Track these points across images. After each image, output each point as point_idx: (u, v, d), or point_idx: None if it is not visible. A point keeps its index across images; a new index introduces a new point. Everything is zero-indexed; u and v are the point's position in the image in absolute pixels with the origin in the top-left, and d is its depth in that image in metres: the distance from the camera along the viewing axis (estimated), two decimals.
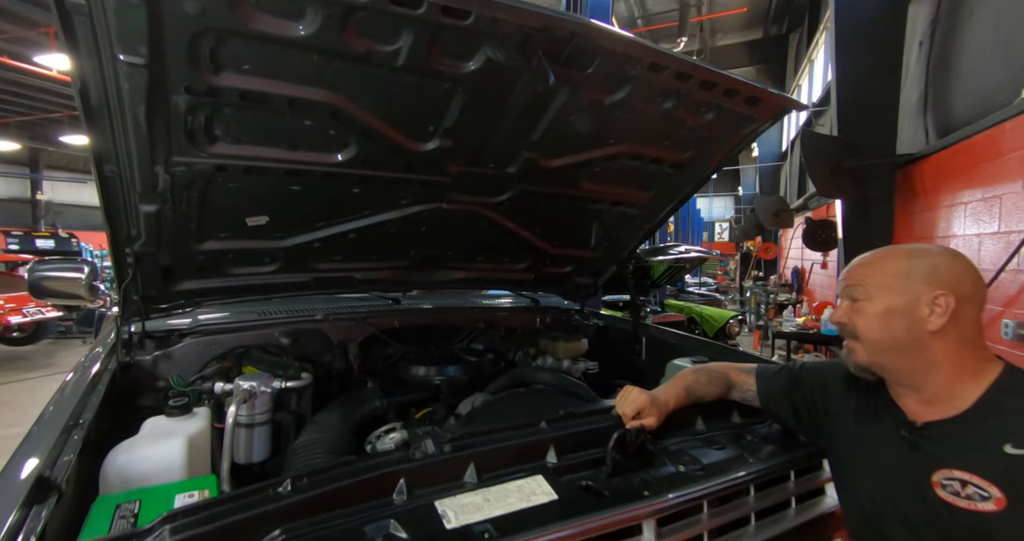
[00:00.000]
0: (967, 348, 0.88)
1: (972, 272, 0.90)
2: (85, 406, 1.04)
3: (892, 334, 0.91)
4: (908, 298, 0.89)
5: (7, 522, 0.66)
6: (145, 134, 0.99)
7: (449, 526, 0.82)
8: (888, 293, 0.91)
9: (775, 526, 1.13)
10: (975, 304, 0.89)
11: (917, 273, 0.90)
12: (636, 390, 1.15)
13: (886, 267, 0.94)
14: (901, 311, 0.89)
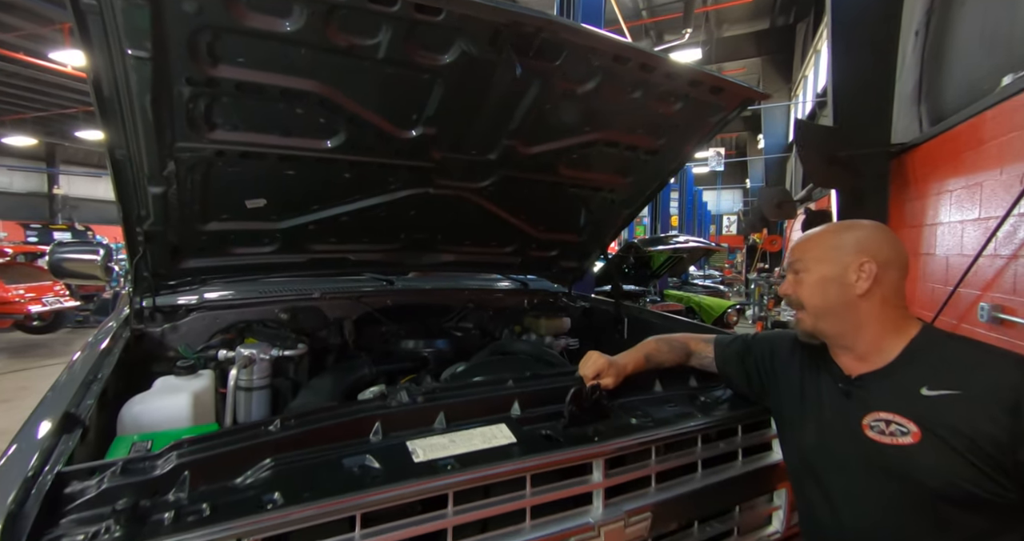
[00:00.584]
0: (890, 308, 0.99)
1: (891, 241, 1.01)
2: (102, 366, 1.17)
3: (827, 300, 1.02)
4: (839, 267, 1.00)
5: (43, 445, 0.79)
6: (151, 121, 1.11)
7: (417, 460, 0.94)
8: (822, 264, 1.03)
9: (721, 474, 1.24)
10: (895, 268, 0.99)
11: (845, 245, 1.01)
12: (596, 354, 1.27)
13: (820, 242, 1.06)
14: (833, 279, 1.01)
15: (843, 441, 1.00)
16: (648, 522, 1.09)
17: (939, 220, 3.47)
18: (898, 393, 0.95)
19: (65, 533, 0.68)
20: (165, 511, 0.73)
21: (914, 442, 0.90)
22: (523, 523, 0.99)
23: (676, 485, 1.18)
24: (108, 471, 0.77)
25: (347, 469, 0.89)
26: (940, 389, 0.90)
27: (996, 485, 0.84)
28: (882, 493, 0.94)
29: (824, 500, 1.04)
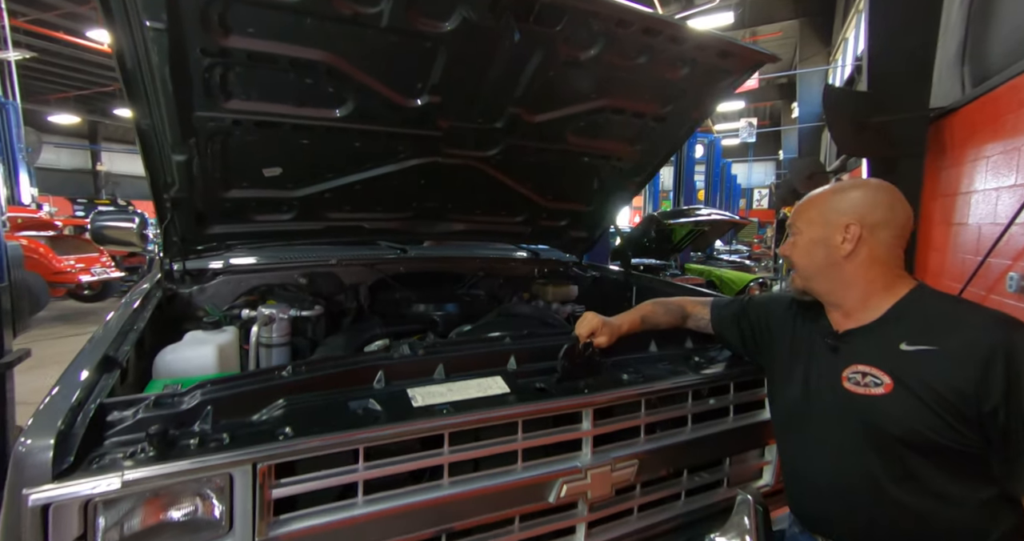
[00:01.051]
0: (878, 267, 1.01)
1: (886, 202, 1.01)
2: (136, 320, 1.29)
3: (815, 261, 1.06)
4: (826, 230, 1.03)
5: (87, 382, 0.90)
6: (171, 91, 1.19)
7: (416, 405, 1.02)
8: (813, 227, 1.07)
9: (712, 428, 1.30)
10: (885, 229, 1.00)
11: (836, 207, 1.04)
12: (592, 314, 1.32)
13: (814, 205, 1.08)
14: (821, 241, 1.04)
15: (825, 393, 1.04)
16: (634, 468, 1.16)
17: (973, 188, 3.33)
18: (879, 348, 0.98)
19: (108, 451, 0.79)
20: (191, 438, 0.84)
21: (885, 393, 0.94)
22: (515, 464, 1.07)
23: (665, 437, 1.25)
24: (142, 404, 0.87)
25: (352, 410, 0.98)
26: (918, 344, 0.93)
27: (957, 435, 0.87)
28: (852, 440, 0.99)
29: (802, 449, 1.09)
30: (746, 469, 1.44)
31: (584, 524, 1.15)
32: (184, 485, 0.81)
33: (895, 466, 0.94)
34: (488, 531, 1.07)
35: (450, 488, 1.01)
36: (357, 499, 0.93)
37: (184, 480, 0.80)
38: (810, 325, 1.14)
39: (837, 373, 1.02)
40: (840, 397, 1.00)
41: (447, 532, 1.01)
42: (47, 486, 0.69)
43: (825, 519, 1.07)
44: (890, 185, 1.04)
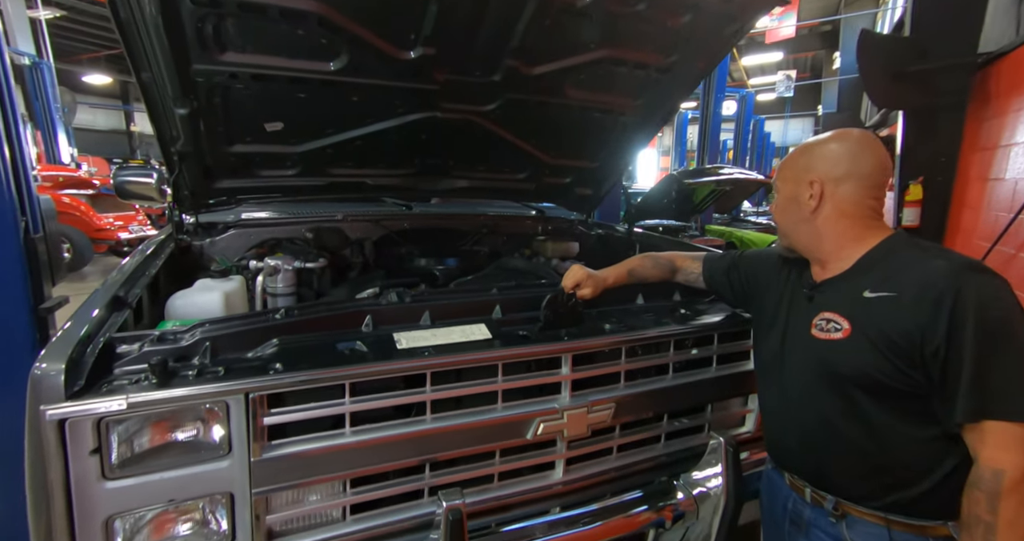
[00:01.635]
0: (845, 220, 1.01)
1: (847, 155, 1.00)
2: (149, 266, 1.39)
3: (789, 218, 1.09)
4: (796, 187, 1.06)
5: (97, 319, 1.00)
6: (166, 43, 1.22)
7: (400, 347, 1.09)
8: (787, 184, 1.09)
9: (693, 376, 1.34)
10: (849, 183, 0.99)
11: (803, 164, 1.06)
12: (578, 267, 1.35)
13: (790, 163, 1.10)
14: (793, 198, 1.07)
15: (797, 340, 1.07)
16: (610, 411, 1.22)
17: (1015, 140, 3.14)
18: (845, 296, 1.00)
19: (116, 379, 0.88)
20: (190, 370, 0.92)
21: (843, 337, 0.97)
22: (495, 404, 1.14)
23: (645, 383, 1.30)
24: (147, 339, 0.96)
25: (339, 350, 1.05)
26: (879, 292, 0.95)
27: (904, 377, 0.90)
28: (813, 383, 1.03)
29: (775, 394, 1.13)
30: (729, 416, 1.49)
31: (562, 460, 1.23)
32: (185, 410, 0.90)
33: (847, 407, 0.98)
34: (471, 463, 1.15)
35: (432, 423, 1.08)
36: (345, 429, 1.02)
37: (183, 406, 0.89)
38: (795, 277, 1.16)
39: (808, 321, 1.05)
40: (807, 343, 1.04)
41: (430, 462, 1.10)
42: (61, 404, 0.79)
43: (789, 456, 1.12)
44: (862, 136, 1.02)
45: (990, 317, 0.85)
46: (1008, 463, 0.82)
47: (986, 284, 0.87)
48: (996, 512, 0.82)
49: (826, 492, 1.04)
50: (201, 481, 0.92)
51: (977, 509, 0.84)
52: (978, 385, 0.84)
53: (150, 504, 0.90)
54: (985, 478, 0.84)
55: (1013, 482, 0.81)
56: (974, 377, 0.84)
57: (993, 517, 0.82)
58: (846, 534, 1.01)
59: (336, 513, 1.06)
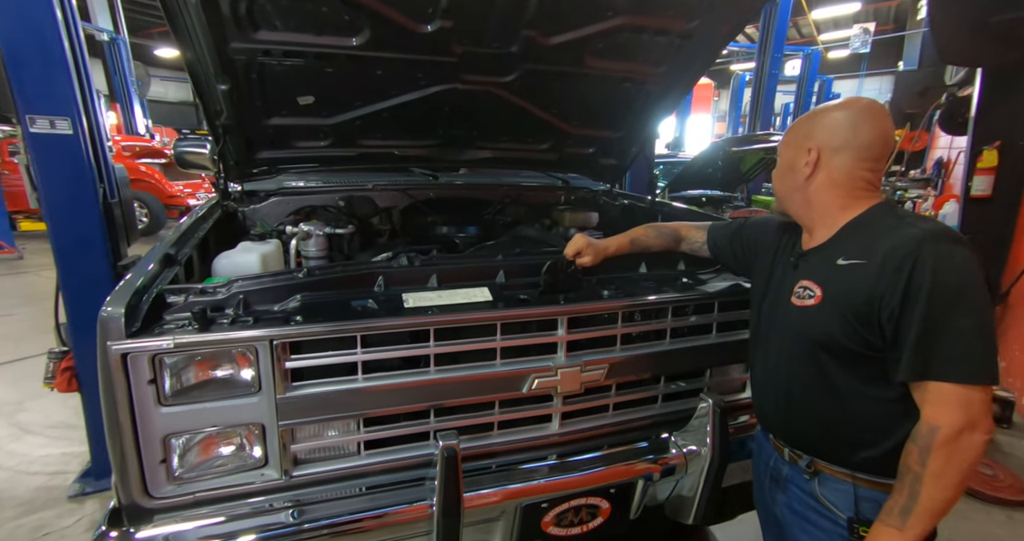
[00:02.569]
0: (836, 190, 1.02)
1: (847, 124, 1.00)
2: (198, 229, 1.57)
3: (785, 185, 1.11)
4: (796, 154, 1.07)
5: (152, 273, 1.17)
6: (205, 24, 1.34)
7: (407, 306, 1.20)
8: (788, 151, 1.10)
9: (690, 342, 1.40)
10: (845, 152, 1.00)
11: (805, 131, 1.06)
12: (580, 235, 1.41)
13: (794, 129, 1.10)
14: (790, 166, 1.08)
15: (780, 307, 1.11)
16: (603, 371, 1.31)
17: None
18: (822, 264, 1.03)
19: (166, 323, 1.04)
20: (225, 319, 1.08)
21: (815, 304, 1.01)
22: (494, 360, 1.25)
23: (641, 347, 1.37)
24: (191, 291, 1.12)
25: (353, 307, 1.19)
26: (851, 259, 0.97)
27: (864, 341, 0.94)
28: (788, 348, 1.07)
29: (759, 358, 1.18)
30: (729, 381, 1.53)
31: (558, 414, 1.33)
32: (221, 353, 1.06)
33: (818, 371, 1.02)
34: (474, 411, 1.28)
35: (436, 374, 1.21)
36: (358, 376, 1.16)
37: (219, 349, 1.05)
38: (790, 246, 1.18)
39: (791, 289, 1.08)
40: (787, 310, 1.08)
41: (435, 408, 1.23)
42: (123, 341, 0.96)
43: (769, 418, 1.18)
44: (867, 106, 1.01)
45: (944, 282, 0.87)
46: (944, 420, 0.86)
47: (946, 253, 0.88)
48: (925, 465, 0.87)
49: (801, 451, 1.10)
50: (237, 412, 1.08)
51: (910, 460, 0.89)
52: (923, 347, 0.87)
53: (197, 428, 1.08)
54: (922, 433, 0.88)
55: (944, 438, 0.86)
56: (920, 339, 0.87)
57: (922, 469, 0.87)
58: (818, 490, 1.07)
59: (352, 447, 1.21)
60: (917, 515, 0.87)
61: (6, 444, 2.82)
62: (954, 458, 0.86)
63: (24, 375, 3.57)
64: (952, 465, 0.86)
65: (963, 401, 0.86)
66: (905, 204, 6.73)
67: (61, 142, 2.22)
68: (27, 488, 2.46)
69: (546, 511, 1.24)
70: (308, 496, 1.15)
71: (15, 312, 4.98)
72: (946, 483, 0.87)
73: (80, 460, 2.66)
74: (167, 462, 1.06)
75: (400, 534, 1.15)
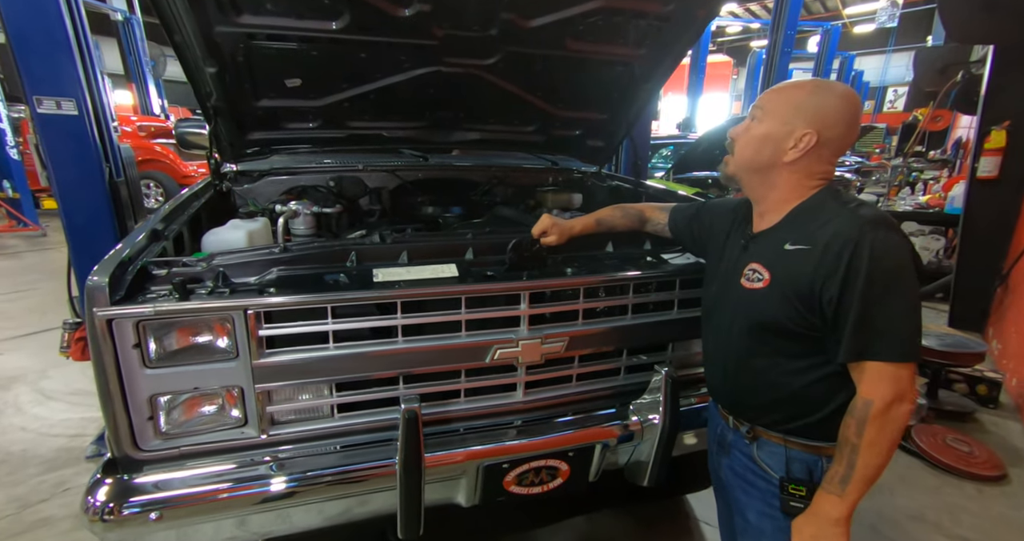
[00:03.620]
0: (805, 177, 1.05)
1: (847, 118, 1.01)
2: (188, 206, 1.66)
3: (758, 157, 1.06)
4: (784, 128, 1.02)
5: (136, 247, 1.26)
6: (189, 8, 1.41)
7: (376, 280, 1.28)
8: (774, 120, 1.03)
9: (650, 318, 1.46)
10: (832, 145, 1.02)
11: (804, 109, 1.00)
12: (546, 215, 1.47)
13: (788, 97, 1.03)
14: (774, 139, 1.03)
15: (729, 287, 1.16)
16: (564, 344, 1.38)
17: None
18: (771, 248, 1.07)
19: (149, 292, 1.14)
20: (204, 290, 1.17)
21: (763, 286, 1.05)
22: (459, 332, 1.33)
23: (601, 322, 1.43)
24: (174, 264, 1.21)
25: (326, 281, 1.27)
26: (797, 244, 1.01)
27: (805, 322, 0.99)
28: (737, 326, 1.13)
29: (709, 335, 1.25)
30: (691, 356, 1.60)
31: (522, 384, 1.41)
32: (200, 321, 1.15)
33: (761, 348, 1.08)
34: (440, 379, 1.36)
35: (403, 344, 1.29)
36: (329, 345, 1.25)
37: (197, 317, 1.14)
38: (741, 226, 1.21)
39: (740, 270, 1.12)
40: (737, 291, 1.12)
41: (404, 375, 1.32)
42: (107, 307, 1.05)
43: (717, 389, 1.26)
44: (856, 96, 1.03)
45: (881, 267, 0.91)
46: (876, 395, 0.93)
47: (883, 239, 0.92)
48: (861, 435, 0.94)
49: (743, 420, 1.17)
50: (217, 375, 1.18)
51: (847, 432, 0.96)
52: (861, 328, 0.92)
53: (181, 389, 1.18)
54: (858, 407, 0.95)
55: (878, 411, 0.92)
56: (858, 321, 0.92)
57: (858, 440, 0.94)
58: (756, 454, 1.15)
59: (326, 410, 1.31)
60: (855, 482, 0.95)
61: (30, 409, 3.02)
62: (886, 428, 0.93)
63: (48, 345, 3.77)
64: (884, 434, 0.93)
65: (894, 377, 0.93)
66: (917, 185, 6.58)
67: (67, 122, 2.33)
68: (49, 448, 2.64)
69: (507, 471, 1.33)
70: (286, 453, 1.26)
71: (39, 286, 5.21)
72: (878, 450, 0.94)
73: (97, 424, 2.82)
74: (154, 419, 1.17)
75: (369, 488, 1.25)
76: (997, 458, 2.45)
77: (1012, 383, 3.11)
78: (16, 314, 4.47)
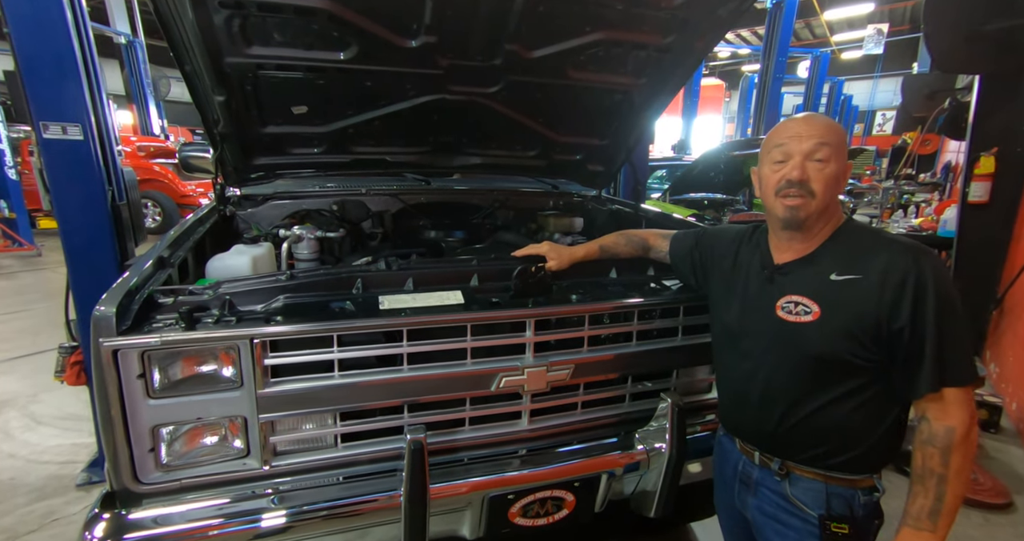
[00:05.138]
0: (837, 208, 1.09)
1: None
2: (193, 232, 1.66)
3: (835, 195, 1.05)
4: (841, 166, 1.04)
5: (144, 275, 1.26)
6: (200, 39, 1.44)
7: (382, 307, 1.28)
8: (840, 157, 1.03)
9: (655, 345, 1.46)
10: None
11: (843, 143, 1.05)
12: (547, 243, 1.49)
13: (839, 132, 1.04)
14: (843, 176, 1.04)
15: (759, 318, 1.14)
16: (569, 371, 1.37)
17: None
18: (812, 279, 1.07)
19: (155, 322, 1.13)
20: (210, 318, 1.16)
21: (813, 320, 1.04)
22: (464, 360, 1.32)
23: (606, 349, 1.43)
24: (180, 293, 1.21)
25: (332, 308, 1.26)
26: (845, 274, 1.02)
27: (868, 353, 0.99)
28: (778, 360, 1.10)
29: (735, 366, 1.21)
30: (694, 382, 1.59)
31: (527, 411, 1.40)
32: (205, 350, 1.15)
33: (812, 384, 1.06)
34: (445, 407, 1.35)
35: (409, 372, 1.28)
36: (334, 373, 1.24)
37: (203, 346, 1.13)
38: (749, 254, 1.22)
39: (772, 302, 1.10)
40: (773, 324, 1.10)
41: (409, 404, 1.31)
42: (114, 338, 1.05)
43: (736, 421, 1.23)
44: None
45: (944, 294, 0.94)
46: (957, 421, 0.94)
47: (940, 266, 0.96)
48: (948, 465, 0.94)
49: (773, 455, 1.14)
50: (220, 405, 1.17)
51: (931, 463, 0.95)
52: (937, 358, 0.94)
53: (183, 420, 1.16)
54: (939, 435, 0.95)
55: (961, 437, 0.94)
56: (936, 350, 0.93)
57: (945, 469, 0.94)
58: (789, 491, 1.12)
59: (329, 439, 1.29)
60: (945, 515, 0.94)
61: (20, 434, 2.96)
62: (968, 453, 0.94)
63: (40, 368, 3.72)
64: (967, 460, 0.94)
65: (967, 401, 0.95)
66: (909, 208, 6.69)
67: (72, 147, 2.33)
68: (38, 476, 2.58)
69: (512, 502, 1.31)
70: (288, 484, 1.23)
71: (33, 307, 5.16)
72: (965, 477, 0.95)
73: (88, 451, 2.78)
74: (155, 451, 1.15)
75: (373, 521, 1.23)
76: (1002, 485, 2.43)
77: (1012, 407, 3.11)
78: (8, 335, 4.42)
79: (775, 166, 1.07)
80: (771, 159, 1.09)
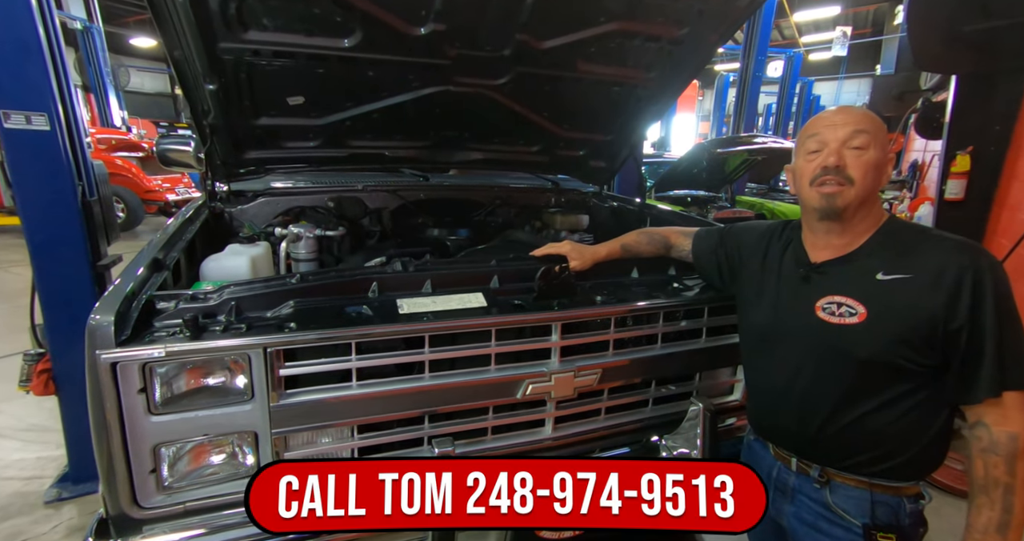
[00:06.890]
0: (880, 203, 1.04)
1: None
2: (186, 231, 1.54)
3: (876, 184, 1.00)
4: (882, 154, 0.99)
5: (140, 278, 1.14)
6: (193, 22, 1.31)
7: (402, 312, 1.20)
8: (880, 145, 0.99)
9: (683, 346, 1.42)
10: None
11: (884, 132, 1.01)
12: (568, 242, 1.42)
13: (875, 120, 1.00)
14: (884, 164, 1.00)
15: (796, 319, 1.08)
16: (597, 376, 1.32)
17: None
18: (855, 278, 1.02)
19: (156, 331, 1.02)
20: (217, 326, 1.06)
21: (859, 321, 0.99)
22: (488, 366, 1.25)
23: (633, 351, 1.38)
24: (182, 297, 1.10)
25: (348, 313, 1.18)
26: (893, 274, 0.97)
27: (920, 356, 0.94)
28: (819, 363, 1.05)
29: (769, 368, 1.15)
30: (717, 385, 1.56)
31: (551, 419, 1.34)
32: (213, 360, 1.04)
33: (857, 387, 1.01)
34: (467, 417, 1.28)
35: (431, 380, 1.20)
36: (352, 383, 1.15)
37: (212, 356, 1.03)
38: (781, 253, 1.17)
39: (811, 303, 1.05)
40: (813, 325, 1.04)
41: (430, 414, 1.23)
42: (112, 349, 0.94)
43: (771, 426, 1.18)
44: None
45: (1002, 293, 0.90)
46: (1020, 426, 0.89)
47: (995, 265, 0.92)
48: (1014, 473, 0.89)
49: (813, 462, 1.09)
50: (229, 421, 1.07)
51: (996, 472, 0.91)
52: (998, 360, 0.90)
53: (188, 437, 1.06)
54: (1002, 443, 0.90)
55: None
56: (995, 353, 0.89)
57: (1012, 478, 0.89)
58: (829, 499, 1.07)
59: (346, 454, 1.21)
60: (1015, 527, 0.89)
61: None
62: None
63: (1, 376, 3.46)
64: None
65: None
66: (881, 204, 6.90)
67: (37, 138, 2.15)
68: (2, 494, 2.39)
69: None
70: None
71: None
72: None
73: (56, 464, 2.59)
74: (157, 471, 1.04)
75: None
76: None
77: None
78: None
79: (810, 156, 1.03)
80: (806, 150, 1.05)
